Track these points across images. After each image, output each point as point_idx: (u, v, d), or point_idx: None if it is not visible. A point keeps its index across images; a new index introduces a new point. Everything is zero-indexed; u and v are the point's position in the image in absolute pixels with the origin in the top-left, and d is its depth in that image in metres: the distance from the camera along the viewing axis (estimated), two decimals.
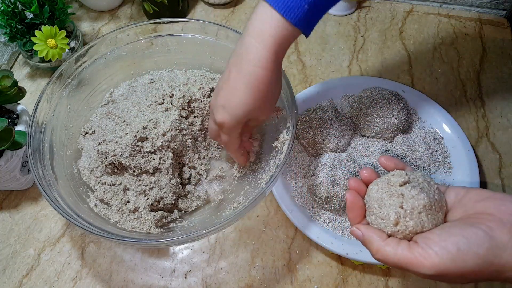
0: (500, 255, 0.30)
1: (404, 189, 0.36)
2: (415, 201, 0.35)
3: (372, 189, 0.38)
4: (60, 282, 0.53)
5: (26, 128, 0.53)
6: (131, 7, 0.82)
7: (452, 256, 0.31)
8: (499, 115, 0.67)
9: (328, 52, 0.74)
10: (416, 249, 0.32)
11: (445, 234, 0.32)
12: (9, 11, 0.64)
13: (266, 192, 0.45)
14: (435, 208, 0.35)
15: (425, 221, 0.34)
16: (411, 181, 0.37)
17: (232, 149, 0.49)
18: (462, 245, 0.31)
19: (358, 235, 0.37)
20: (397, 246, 0.33)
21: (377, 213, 0.36)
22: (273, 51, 0.40)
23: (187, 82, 0.58)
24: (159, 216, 0.50)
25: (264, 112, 0.45)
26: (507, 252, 0.30)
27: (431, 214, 0.35)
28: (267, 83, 0.42)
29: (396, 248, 0.33)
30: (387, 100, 0.59)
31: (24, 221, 0.57)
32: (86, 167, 0.54)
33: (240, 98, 0.42)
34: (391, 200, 0.36)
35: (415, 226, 0.34)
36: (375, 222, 0.36)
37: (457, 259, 0.31)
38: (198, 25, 0.58)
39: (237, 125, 0.45)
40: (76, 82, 0.56)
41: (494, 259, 0.30)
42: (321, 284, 0.53)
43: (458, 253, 0.31)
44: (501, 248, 0.30)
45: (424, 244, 0.32)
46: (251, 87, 0.42)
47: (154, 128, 0.52)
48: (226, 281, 0.53)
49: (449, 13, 0.80)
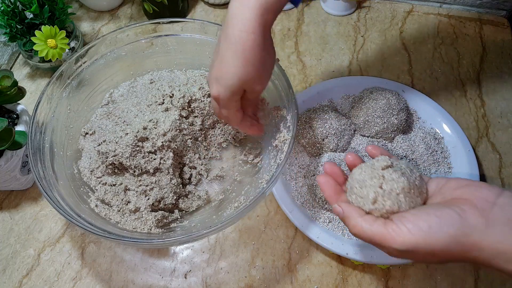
0: (469, 235, 0.31)
1: (386, 172, 0.38)
2: (394, 183, 0.36)
3: (356, 172, 0.40)
4: (60, 282, 0.53)
5: (26, 128, 0.53)
6: (131, 7, 0.82)
7: (423, 233, 0.32)
8: (499, 115, 0.67)
9: (328, 52, 0.74)
10: (391, 225, 0.34)
11: (419, 213, 0.34)
12: (9, 11, 0.64)
13: (266, 192, 0.46)
14: (414, 192, 0.37)
15: (402, 202, 0.36)
16: (393, 166, 0.39)
17: (235, 122, 0.47)
18: (433, 224, 0.32)
19: (338, 212, 0.38)
20: (373, 222, 0.35)
21: (357, 193, 0.38)
22: (259, 13, 0.38)
23: (187, 82, 0.58)
24: (160, 216, 0.50)
25: (258, 81, 0.42)
26: (476, 233, 0.31)
27: (409, 197, 0.36)
28: (255, 48, 0.39)
29: (372, 224, 0.35)
30: (387, 100, 0.59)
31: (24, 221, 0.57)
32: (86, 168, 0.54)
33: (230, 67, 0.40)
34: (372, 181, 0.37)
35: (392, 205, 0.36)
36: (355, 201, 0.38)
37: (428, 237, 0.32)
38: (198, 25, 0.58)
39: (232, 97, 0.42)
40: (76, 83, 0.56)
41: (463, 238, 0.31)
42: (321, 284, 0.53)
43: (429, 230, 0.32)
44: (471, 229, 0.32)
45: (399, 221, 0.34)
46: (238, 55, 0.39)
47: (154, 128, 0.52)
48: (226, 281, 0.53)
49: (449, 13, 0.80)
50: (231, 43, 0.39)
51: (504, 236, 0.31)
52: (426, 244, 0.32)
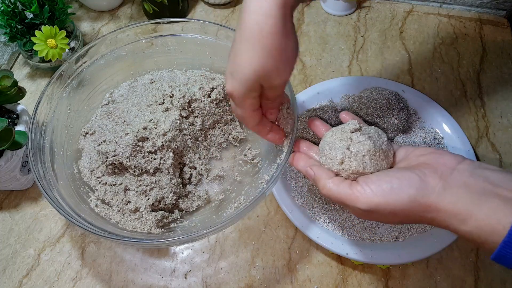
0: (428, 196, 0.33)
1: (354, 135, 0.40)
2: (361, 145, 0.39)
3: (327, 135, 0.43)
4: (60, 282, 0.53)
5: (26, 128, 0.53)
6: (131, 7, 0.82)
7: (385, 193, 0.34)
8: (499, 115, 0.67)
9: (328, 52, 0.74)
10: (356, 186, 0.36)
11: (383, 176, 0.36)
12: (9, 11, 0.63)
13: (266, 192, 0.46)
14: (379, 156, 0.39)
15: (368, 164, 0.38)
16: (362, 130, 0.41)
17: (251, 124, 0.41)
18: (395, 184, 0.34)
19: (310, 174, 0.40)
20: (340, 183, 0.37)
21: (327, 154, 0.41)
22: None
23: (187, 82, 0.58)
24: (160, 216, 0.50)
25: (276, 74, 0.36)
26: (433, 195, 0.33)
27: (374, 160, 0.39)
28: (273, 34, 0.34)
29: (339, 185, 0.37)
30: (387, 100, 0.59)
31: (24, 221, 0.57)
32: (86, 168, 0.54)
33: (244, 59, 0.35)
34: (341, 143, 0.40)
35: (358, 166, 0.38)
36: (325, 162, 0.41)
37: (389, 196, 0.34)
38: (198, 25, 0.58)
39: (247, 93, 0.37)
40: (76, 83, 0.56)
41: (422, 199, 0.33)
42: (321, 284, 0.53)
43: (390, 190, 0.34)
44: (430, 190, 0.33)
45: (363, 183, 0.36)
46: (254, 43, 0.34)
47: (154, 128, 0.52)
48: (226, 281, 0.53)
49: (449, 13, 0.80)
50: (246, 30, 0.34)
51: (458, 198, 0.32)
52: (387, 204, 0.34)
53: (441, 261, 0.54)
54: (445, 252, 0.54)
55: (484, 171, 0.34)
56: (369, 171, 0.38)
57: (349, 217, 0.55)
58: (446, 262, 0.54)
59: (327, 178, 0.39)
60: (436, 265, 0.54)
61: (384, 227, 0.54)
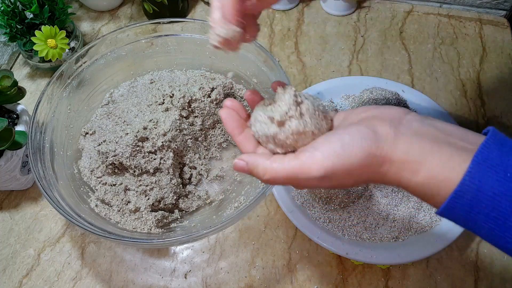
0: (382, 147, 0.31)
1: None
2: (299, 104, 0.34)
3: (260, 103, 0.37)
4: (60, 282, 0.53)
5: (26, 128, 0.53)
6: (131, 7, 0.82)
7: (337, 153, 0.31)
8: (499, 115, 0.67)
9: (328, 52, 0.74)
10: (303, 155, 0.32)
11: (330, 137, 0.32)
12: (9, 11, 0.64)
13: (266, 192, 0.46)
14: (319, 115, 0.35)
15: (308, 122, 0.34)
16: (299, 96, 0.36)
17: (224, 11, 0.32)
18: (346, 141, 0.31)
19: (242, 166, 0.34)
20: (283, 159, 0.32)
21: (262, 120, 0.35)
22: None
23: (187, 82, 0.58)
24: (160, 216, 0.50)
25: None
26: (386, 145, 0.31)
27: (314, 119, 0.34)
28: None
29: (283, 161, 0.32)
30: (387, 100, 0.59)
31: (24, 221, 0.57)
32: (86, 168, 0.54)
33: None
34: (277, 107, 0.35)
35: (298, 125, 0.33)
36: (260, 128, 0.35)
37: (342, 155, 0.31)
38: (198, 25, 0.58)
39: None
40: (76, 83, 0.56)
41: (376, 150, 0.31)
42: (321, 284, 0.53)
43: (342, 148, 0.31)
44: (382, 139, 0.31)
45: (311, 148, 0.32)
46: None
47: (154, 128, 0.52)
48: (226, 281, 0.53)
49: (449, 13, 0.80)
50: None
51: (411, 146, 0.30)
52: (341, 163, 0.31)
53: (441, 261, 0.54)
54: (445, 252, 0.54)
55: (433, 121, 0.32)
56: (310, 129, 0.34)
57: (349, 217, 0.55)
58: (446, 262, 0.54)
59: (266, 159, 0.33)
60: (436, 265, 0.54)
61: (384, 227, 0.54)
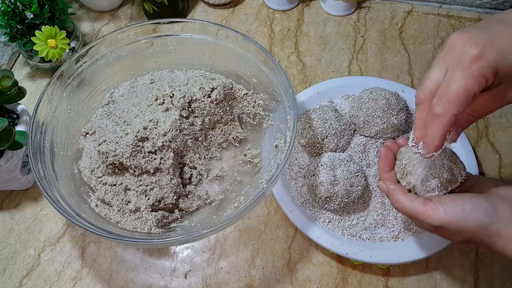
0: (495, 223, 0.37)
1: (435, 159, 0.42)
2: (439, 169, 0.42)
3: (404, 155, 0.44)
4: (60, 282, 0.53)
5: (26, 128, 0.54)
6: (131, 7, 0.82)
7: (457, 215, 0.37)
8: (499, 115, 0.67)
9: (328, 52, 0.74)
10: (430, 204, 0.39)
11: (456, 198, 0.39)
12: (9, 11, 0.64)
13: (266, 192, 0.46)
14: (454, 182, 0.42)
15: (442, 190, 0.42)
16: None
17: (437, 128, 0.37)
18: (467, 208, 0.38)
19: (383, 189, 0.44)
20: (414, 200, 0.41)
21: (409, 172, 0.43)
22: None
23: (188, 82, 0.58)
24: (160, 216, 0.50)
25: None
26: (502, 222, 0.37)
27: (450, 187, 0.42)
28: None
29: (413, 201, 0.40)
30: (387, 100, 0.59)
31: (24, 221, 0.58)
32: (87, 168, 0.54)
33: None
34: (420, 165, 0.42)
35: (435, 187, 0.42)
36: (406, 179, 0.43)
37: (460, 218, 0.37)
38: (198, 25, 0.58)
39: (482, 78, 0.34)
40: (76, 83, 0.56)
41: (490, 224, 0.37)
42: (321, 284, 0.53)
43: (462, 213, 0.37)
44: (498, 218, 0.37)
45: (438, 202, 0.39)
46: None
47: (154, 128, 0.52)
48: (226, 281, 0.53)
49: (449, 13, 0.80)
50: None
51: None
52: (457, 224, 0.37)
53: (441, 261, 0.54)
54: (445, 252, 0.54)
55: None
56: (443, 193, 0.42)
57: (349, 217, 0.55)
58: (446, 262, 0.54)
59: (401, 194, 0.42)
60: (436, 265, 0.54)
61: (384, 227, 0.54)
